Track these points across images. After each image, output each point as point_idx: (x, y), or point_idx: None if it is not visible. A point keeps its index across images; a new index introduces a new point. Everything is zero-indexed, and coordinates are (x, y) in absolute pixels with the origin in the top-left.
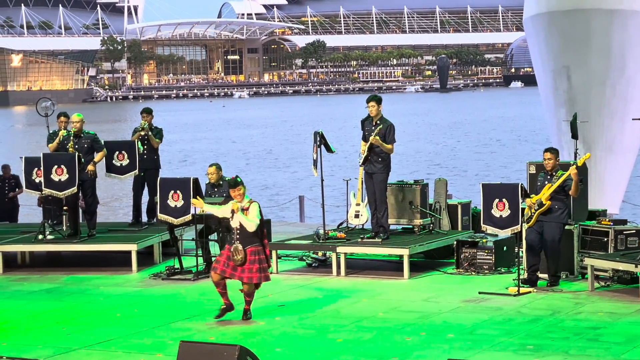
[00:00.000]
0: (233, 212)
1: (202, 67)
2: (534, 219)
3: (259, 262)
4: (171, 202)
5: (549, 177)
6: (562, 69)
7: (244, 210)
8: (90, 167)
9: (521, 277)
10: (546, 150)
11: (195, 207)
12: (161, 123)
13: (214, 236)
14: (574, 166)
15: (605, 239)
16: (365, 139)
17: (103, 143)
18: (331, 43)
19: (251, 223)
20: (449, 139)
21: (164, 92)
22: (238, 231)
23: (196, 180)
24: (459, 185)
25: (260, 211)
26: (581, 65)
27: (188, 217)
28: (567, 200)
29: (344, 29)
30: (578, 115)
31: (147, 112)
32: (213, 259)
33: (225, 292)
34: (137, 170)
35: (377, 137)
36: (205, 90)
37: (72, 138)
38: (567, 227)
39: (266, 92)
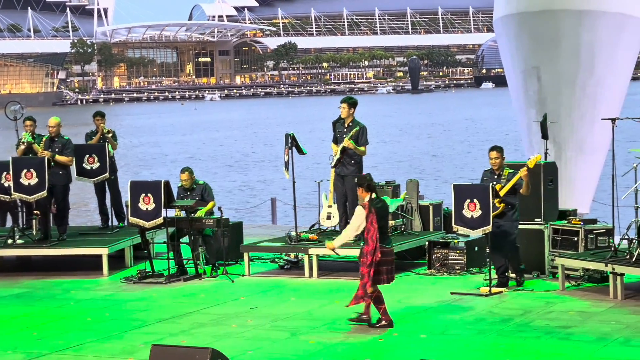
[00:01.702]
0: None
1: (173, 70)
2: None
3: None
4: (142, 206)
5: (495, 177)
6: (532, 70)
7: None
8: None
9: (493, 278)
10: (492, 149)
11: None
12: (132, 126)
13: (185, 239)
14: (525, 168)
15: (576, 239)
16: (336, 141)
17: (73, 148)
18: (303, 45)
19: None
20: (420, 140)
21: (134, 94)
22: None
23: (167, 184)
24: (431, 186)
25: None
26: (551, 66)
27: (159, 220)
28: (517, 198)
29: (315, 31)
30: (548, 116)
31: (101, 115)
32: (184, 262)
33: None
34: (107, 174)
35: (351, 141)
36: (177, 93)
37: (44, 140)
38: (537, 226)
39: (238, 94)
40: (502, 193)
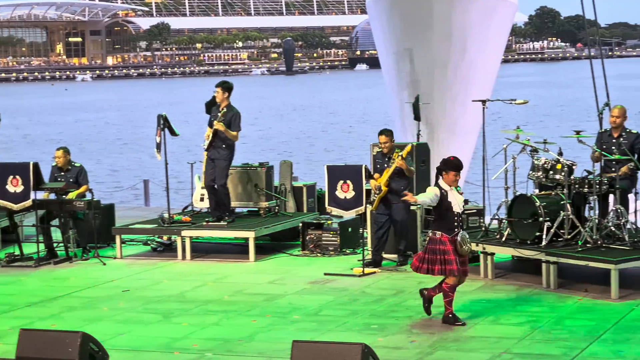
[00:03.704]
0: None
1: (42, 50)
2: (376, 203)
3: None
4: (10, 188)
5: (386, 159)
6: (404, 52)
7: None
8: None
9: (366, 258)
10: (380, 133)
11: None
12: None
13: (55, 222)
14: (400, 157)
15: None
16: (211, 124)
17: None
18: (176, 25)
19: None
20: (294, 121)
21: (3, 75)
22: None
23: (36, 165)
24: (304, 167)
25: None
26: (423, 48)
27: (28, 203)
28: (408, 180)
29: (189, 11)
30: (421, 98)
31: None
32: (55, 245)
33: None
34: None
35: (222, 124)
36: (47, 73)
37: None
38: (410, 208)
39: (110, 75)
40: (386, 176)
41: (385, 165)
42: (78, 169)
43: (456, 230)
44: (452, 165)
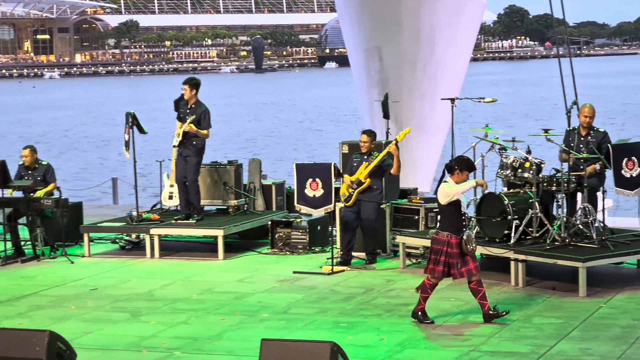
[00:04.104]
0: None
1: (10, 47)
2: (354, 198)
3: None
4: None
5: (365, 157)
6: (373, 50)
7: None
8: None
9: (335, 257)
10: (363, 133)
11: None
12: None
13: (23, 220)
14: (394, 142)
15: (416, 217)
16: (180, 119)
17: None
18: (144, 23)
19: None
20: (263, 120)
21: None
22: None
23: (3, 163)
24: (273, 166)
25: None
26: (392, 46)
27: None
28: (382, 181)
29: (158, 9)
30: (390, 96)
31: None
32: (22, 243)
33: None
34: None
35: (192, 125)
36: (14, 71)
37: None
38: (380, 207)
39: (78, 73)
40: (368, 170)
41: (363, 162)
42: (45, 167)
43: (464, 230)
44: (467, 165)
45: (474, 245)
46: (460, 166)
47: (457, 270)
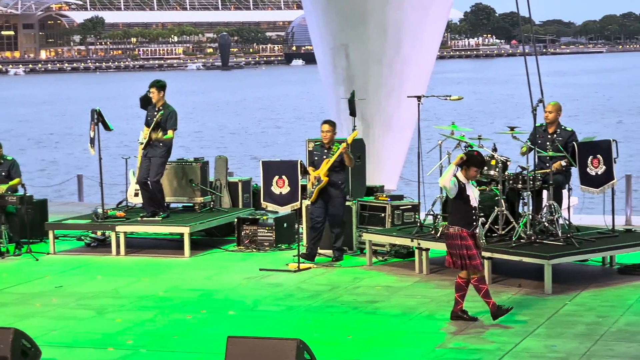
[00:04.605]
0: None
1: None
2: (315, 195)
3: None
4: None
5: (325, 150)
6: (340, 47)
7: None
8: None
9: (301, 251)
10: (324, 122)
11: None
12: None
13: None
14: (344, 144)
15: (383, 215)
16: (147, 123)
17: None
18: (110, 19)
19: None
20: (230, 117)
21: None
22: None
23: None
24: (240, 163)
25: None
26: (359, 44)
27: None
28: (345, 174)
29: (124, 6)
30: (356, 93)
31: None
32: None
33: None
34: None
35: (158, 133)
36: None
37: None
38: (346, 202)
39: (43, 69)
40: (327, 167)
41: (325, 156)
42: (10, 162)
43: (474, 224)
44: (476, 160)
45: (483, 240)
46: (467, 162)
47: (479, 260)
